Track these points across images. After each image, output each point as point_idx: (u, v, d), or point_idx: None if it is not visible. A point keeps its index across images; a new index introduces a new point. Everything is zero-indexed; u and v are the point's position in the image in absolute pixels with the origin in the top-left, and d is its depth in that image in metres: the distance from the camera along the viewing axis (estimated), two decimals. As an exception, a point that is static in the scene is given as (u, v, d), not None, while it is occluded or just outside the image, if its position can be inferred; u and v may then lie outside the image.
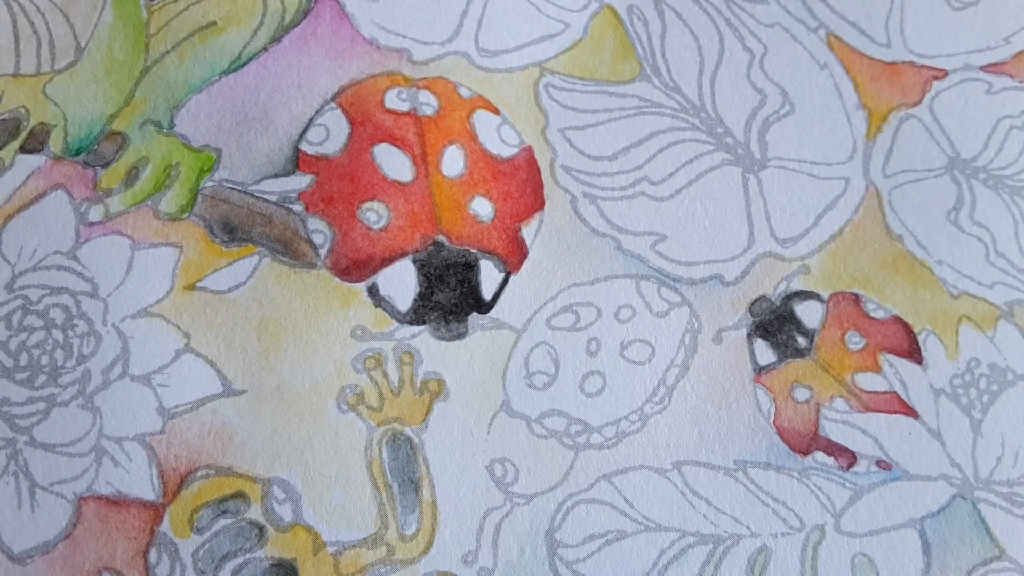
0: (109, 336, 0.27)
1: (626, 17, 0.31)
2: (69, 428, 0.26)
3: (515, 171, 0.29)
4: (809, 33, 0.31)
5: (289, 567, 0.26)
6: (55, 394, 0.26)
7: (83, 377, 0.27)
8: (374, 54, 0.30)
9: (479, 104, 0.29)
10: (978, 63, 0.31)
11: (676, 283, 0.29)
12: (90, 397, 0.26)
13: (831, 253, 0.29)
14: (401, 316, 0.28)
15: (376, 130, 0.29)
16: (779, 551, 0.27)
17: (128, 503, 0.26)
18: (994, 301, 0.29)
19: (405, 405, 0.27)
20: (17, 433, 0.26)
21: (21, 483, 0.26)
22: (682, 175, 0.29)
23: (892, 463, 0.27)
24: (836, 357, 0.28)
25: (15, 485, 0.26)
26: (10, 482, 0.26)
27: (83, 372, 0.27)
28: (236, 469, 0.26)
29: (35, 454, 0.26)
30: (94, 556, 0.26)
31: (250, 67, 0.29)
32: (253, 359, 0.27)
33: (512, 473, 0.27)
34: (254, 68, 0.29)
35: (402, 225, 0.28)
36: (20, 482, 0.26)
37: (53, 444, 0.26)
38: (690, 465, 0.27)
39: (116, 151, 0.28)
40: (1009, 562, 0.27)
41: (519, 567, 0.26)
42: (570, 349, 0.28)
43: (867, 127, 0.30)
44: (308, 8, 0.30)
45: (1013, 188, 0.30)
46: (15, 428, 0.26)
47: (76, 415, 0.26)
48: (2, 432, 0.26)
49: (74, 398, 0.26)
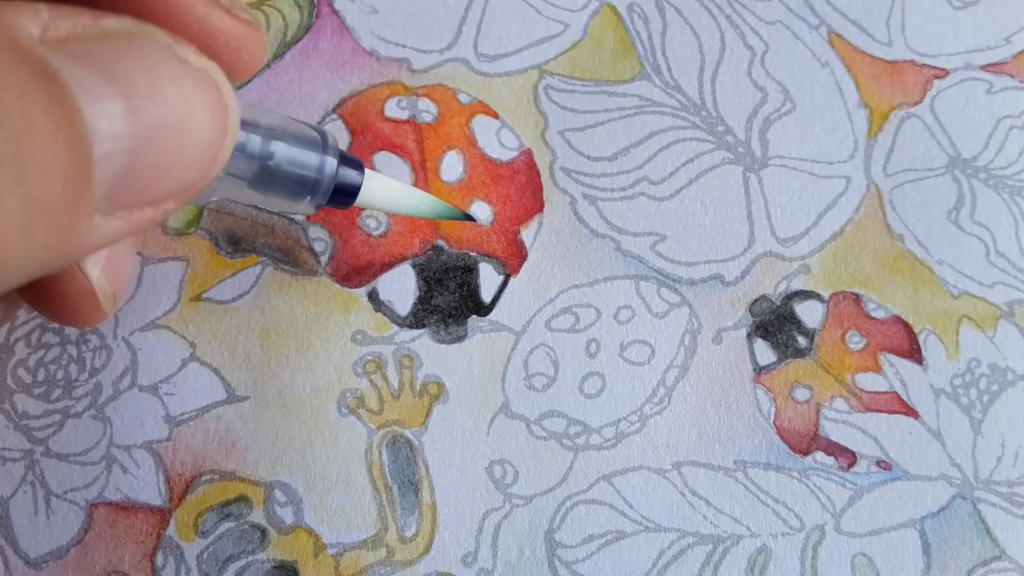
0: (119, 348, 0.28)
1: (626, 15, 0.31)
2: (82, 438, 0.27)
3: (514, 174, 0.29)
4: (810, 31, 0.30)
5: (290, 569, 0.26)
6: (69, 406, 0.27)
7: (95, 389, 0.27)
8: (374, 65, 0.30)
9: (478, 109, 0.30)
10: (979, 62, 0.30)
11: (676, 283, 0.29)
12: (101, 408, 0.27)
13: (832, 252, 0.29)
14: (401, 320, 0.28)
15: (376, 139, 0.29)
16: (779, 551, 0.27)
17: (136, 508, 0.27)
18: (994, 301, 0.29)
19: (405, 408, 0.27)
20: (34, 444, 0.27)
21: (37, 492, 0.27)
22: (682, 174, 0.29)
23: (892, 463, 0.27)
24: (836, 357, 0.28)
25: (32, 494, 0.27)
26: (28, 491, 0.27)
27: (95, 384, 0.27)
28: (239, 473, 0.27)
29: (50, 464, 0.27)
30: (104, 560, 0.26)
31: (253, 84, 0.29)
32: (256, 366, 0.28)
33: (511, 474, 0.27)
34: (257, 84, 0.29)
35: (401, 231, 0.28)
36: (36, 491, 0.27)
37: (67, 454, 0.27)
38: (690, 465, 0.27)
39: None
40: (1009, 562, 0.27)
41: (518, 568, 0.27)
42: (569, 350, 0.28)
43: (868, 126, 0.30)
44: (310, 24, 0.30)
45: (1013, 188, 0.29)
46: (32, 440, 0.27)
47: (88, 425, 0.27)
48: (21, 444, 0.27)
49: (86, 409, 0.27)
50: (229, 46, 0.18)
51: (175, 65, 0.15)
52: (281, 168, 0.21)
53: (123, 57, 0.14)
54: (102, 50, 0.14)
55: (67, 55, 0.14)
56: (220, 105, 0.16)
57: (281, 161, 0.21)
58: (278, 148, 0.20)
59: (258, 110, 0.20)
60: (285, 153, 0.21)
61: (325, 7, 0.30)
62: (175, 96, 0.15)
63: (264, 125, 0.20)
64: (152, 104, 0.15)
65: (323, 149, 0.22)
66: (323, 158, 0.22)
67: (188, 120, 0.15)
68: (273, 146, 0.20)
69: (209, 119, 0.16)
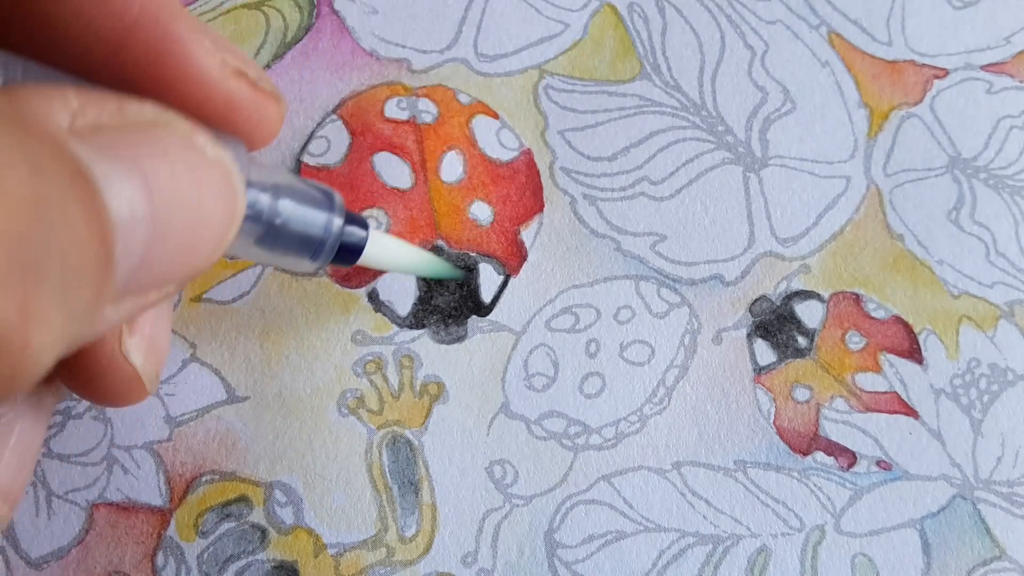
0: (120, 348, 0.28)
1: (626, 15, 0.31)
2: (83, 439, 0.27)
3: (514, 174, 0.29)
4: (810, 31, 0.30)
5: (290, 569, 0.26)
6: (71, 407, 0.27)
7: (96, 389, 0.27)
8: (374, 65, 0.30)
9: (478, 109, 0.30)
10: (979, 62, 0.30)
11: (676, 283, 0.29)
12: (102, 408, 0.27)
13: (832, 252, 0.29)
14: (401, 320, 0.28)
15: (376, 139, 0.29)
16: (779, 551, 0.27)
17: (137, 509, 0.27)
18: (994, 301, 0.29)
19: (405, 408, 0.27)
20: (37, 445, 0.27)
21: (39, 492, 0.27)
22: (682, 174, 0.29)
23: (892, 463, 0.27)
24: (836, 357, 0.28)
25: (34, 495, 0.27)
26: (30, 492, 0.27)
27: (96, 384, 0.27)
28: (239, 474, 0.27)
29: (52, 464, 0.27)
30: (104, 560, 0.26)
31: (254, 86, 0.29)
32: (256, 366, 0.28)
33: (511, 474, 0.27)
34: (256, 84, 0.30)
35: (401, 231, 0.28)
36: (38, 492, 0.27)
37: (68, 454, 0.27)
38: (690, 465, 0.27)
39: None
40: (1009, 562, 0.27)
41: (518, 568, 0.27)
42: (569, 351, 0.28)
43: (868, 126, 0.30)
44: (310, 24, 0.30)
45: (1013, 188, 0.29)
46: (35, 440, 0.27)
47: (89, 426, 0.27)
48: (23, 444, 0.27)
49: (87, 410, 0.27)
50: (251, 118, 0.19)
51: (194, 157, 0.16)
52: (288, 227, 0.21)
53: (147, 150, 0.15)
54: (127, 143, 0.15)
55: (96, 149, 0.14)
56: (231, 194, 0.17)
57: (288, 221, 0.21)
58: (285, 207, 0.21)
59: (267, 169, 0.21)
60: (292, 212, 0.21)
61: (325, 7, 0.30)
62: (192, 190, 0.16)
63: (272, 185, 0.20)
64: (172, 199, 0.15)
65: (329, 208, 0.22)
66: (330, 217, 0.22)
67: (201, 211, 0.16)
68: (280, 206, 0.20)
69: (221, 210, 0.17)
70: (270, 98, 0.19)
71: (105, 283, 0.14)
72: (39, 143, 0.13)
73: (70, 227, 0.13)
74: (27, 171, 0.12)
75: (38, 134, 0.13)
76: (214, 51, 0.18)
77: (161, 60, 0.17)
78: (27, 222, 0.12)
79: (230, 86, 0.18)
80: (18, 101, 0.14)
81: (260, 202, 0.20)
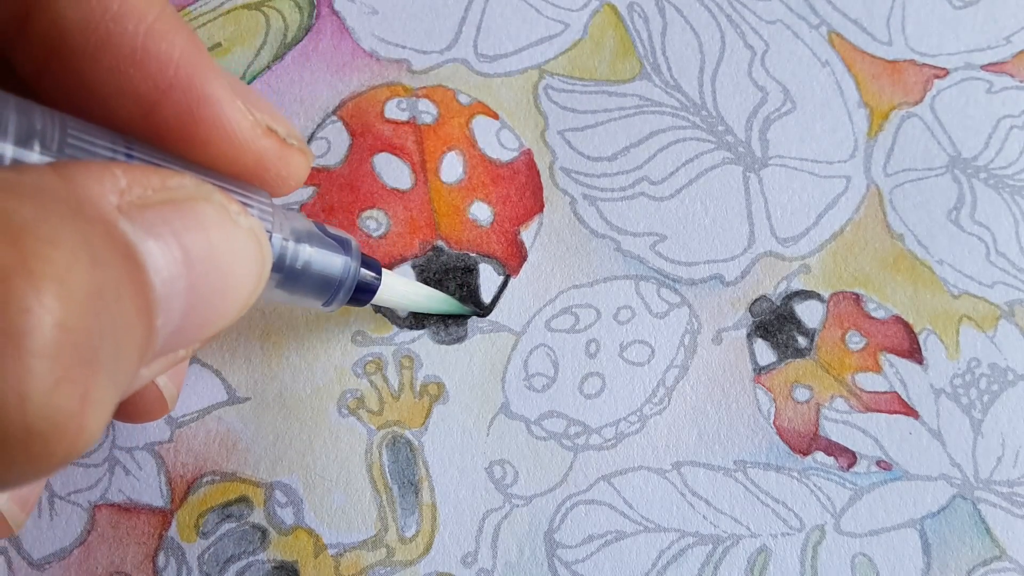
0: (121, 350, 0.28)
1: (626, 15, 0.30)
2: (84, 438, 0.27)
3: (514, 175, 0.29)
4: (811, 30, 0.30)
5: (291, 569, 0.26)
6: (71, 406, 0.27)
7: (97, 390, 0.27)
8: (374, 66, 0.30)
9: (478, 110, 0.30)
10: (979, 62, 0.30)
11: (676, 283, 0.29)
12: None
13: (832, 252, 0.29)
14: (401, 321, 0.28)
15: (376, 140, 0.29)
16: (779, 551, 0.27)
17: (138, 510, 0.27)
18: (995, 301, 0.28)
19: (405, 408, 0.28)
20: (36, 444, 0.27)
21: (42, 493, 0.27)
22: (682, 174, 0.29)
23: (892, 463, 0.27)
24: (836, 357, 0.28)
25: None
26: (32, 492, 0.27)
27: (97, 385, 0.28)
28: (240, 474, 0.27)
29: (53, 465, 0.27)
30: (106, 561, 0.26)
31: (254, 85, 0.30)
32: (256, 367, 0.28)
33: (511, 475, 0.27)
34: (258, 86, 0.30)
35: (401, 231, 0.28)
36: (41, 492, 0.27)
37: (69, 454, 0.27)
38: (690, 465, 0.27)
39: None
40: (1009, 562, 0.27)
41: (518, 568, 0.27)
42: (569, 351, 0.28)
43: (868, 125, 0.30)
44: (310, 25, 0.30)
45: (1014, 188, 0.29)
46: (34, 439, 0.27)
47: (90, 426, 0.27)
48: (25, 444, 0.27)
49: (88, 410, 0.27)
50: (280, 174, 0.20)
51: (229, 229, 0.17)
52: (308, 272, 0.22)
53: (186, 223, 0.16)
54: (170, 221, 0.15)
55: (142, 227, 0.15)
56: (261, 258, 0.18)
57: (309, 266, 0.22)
58: (305, 253, 0.22)
59: (288, 215, 0.22)
60: (312, 258, 0.22)
61: (325, 8, 0.30)
62: (227, 259, 0.17)
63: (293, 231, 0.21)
64: (207, 269, 0.16)
65: (346, 253, 0.23)
66: (347, 262, 0.23)
67: (233, 278, 0.17)
68: (301, 251, 0.22)
69: (251, 273, 0.17)
70: (297, 153, 0.20)
71: (147, 354, 0.15)
72: (94, 228, 0.14)
73: (123, 310, 0.14)
74: (88, 263, 0.13)
75: (93, 218, 0.14)
76: (246, 111, 0.18)
77: (195, 120, 0.18)
78: (91, 315, 0.13)
79: (261, 145, 0.19)
80: (72, 181, 0.14)
81: (283, 248, 0.21)
